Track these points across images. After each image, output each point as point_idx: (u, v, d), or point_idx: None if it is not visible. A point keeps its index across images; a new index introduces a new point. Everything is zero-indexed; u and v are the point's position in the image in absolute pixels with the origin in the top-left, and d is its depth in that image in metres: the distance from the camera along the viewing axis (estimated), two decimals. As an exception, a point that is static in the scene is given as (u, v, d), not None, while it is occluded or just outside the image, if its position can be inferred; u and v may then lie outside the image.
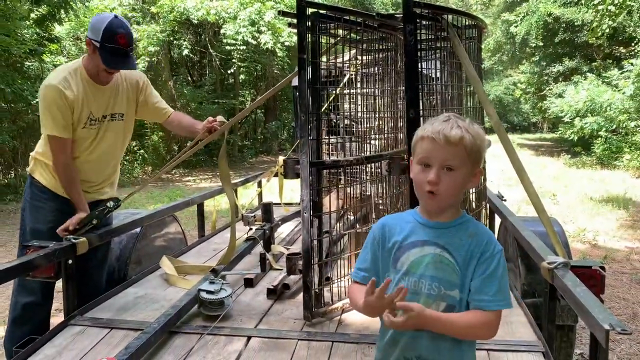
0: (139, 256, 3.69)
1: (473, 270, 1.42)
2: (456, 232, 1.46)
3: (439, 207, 1.45)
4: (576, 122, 16.02)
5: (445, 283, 1.42)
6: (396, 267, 1.47)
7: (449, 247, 1.43)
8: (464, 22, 3.27)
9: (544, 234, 2.69)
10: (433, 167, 1.40)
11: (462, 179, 1.41)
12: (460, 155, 1.39)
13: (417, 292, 1.43)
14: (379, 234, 1.53)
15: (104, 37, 2.72)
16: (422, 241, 1.46)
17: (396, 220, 1.54)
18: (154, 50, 15.91)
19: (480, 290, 1.41)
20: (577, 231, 7.56)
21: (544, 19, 21.01)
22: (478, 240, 1.44)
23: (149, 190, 12.76)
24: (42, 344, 2.43)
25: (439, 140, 1.38)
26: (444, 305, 1.42)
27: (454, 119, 1.43)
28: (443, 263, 1.42)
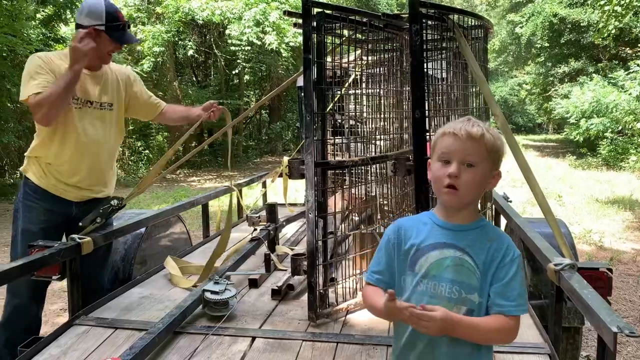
0: (144, 256, 3.69)
1: (493, 275, 1.41)
2: (476, 235, 1.45)
3: (459, 203, 1.43)
4: (582, 123, 15.96)
5: (466, 287, 1.40)
6: (414, 269, 1.45)
7: (470, 251, 1.42)
8: (470, 23, 3.25)
9: (550, 235, 2.67)
10: (453, 162, 1.40)
11: (482, 177, 1.41)
12: (481, 152, 1.40)
13: (437, 296, 1.41)
14: (394, 237, 1.52)
15: (108, 18, 2.79)
16: (441, 243, 1.44)
17: (412, 222, 1.53)
18: (159, 51, 15.95)
19: (502, 295, 1.40)
20: (582, 233, 7.52)
21: (549, 20, 20.97)
22: (498, 244, 1.43)
23: (154, 191, 12.78)
24: (46, 344, 2.43)
25: (461, 135, 1.39)
26: (464, 309, 1.40)
27: (475, 120, 1.45)
28: (464, 266, 1.41)
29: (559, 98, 19.56)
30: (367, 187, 3.46)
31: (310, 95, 2.63)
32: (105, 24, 2.78)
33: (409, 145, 3.29)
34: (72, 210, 3.03)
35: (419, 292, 1.44)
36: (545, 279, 2.52)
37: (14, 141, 11.64)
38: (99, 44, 2.80)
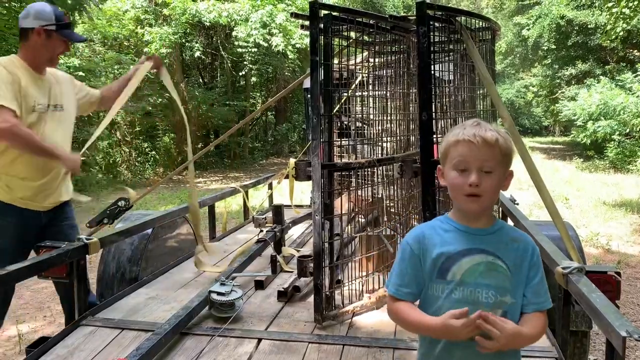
0: (151, 257, 3.70)
1: (525, 276, 1.44)
2: (499, 237, 1.46)
3: (481, 208, 1.43)
4: (589, 126, 15.88)
5: (500, 290, 1.41)
6: (445, 278, 1.43)
7: (499, 254, 1.43)
8: (477, 25, 3.25)
9: (557, 238, 2.66)
10: (471, 170, 1.39)
11: (499, 181, 1.42)
12: (497, 157, 1.40)
13: (475, 302, 1.40)
14: (417, 247, 1.48)
15: (57, 19, 2.86)
16: (470, 249, 1.43)
17: (432, 230, 1.50)
18: (166, 52, 16.00)
19: (538, 292, 1.45)
20: (590, 236, 7.48)
21: (556, 22, 20.88)
22: (524, 245, 1.46)
23: (161, 192, 12.82)
24: (53, 344, 2.44)
25: (477, 142, 1.38)
26: (499, 312, 1.41)
27: (483, 123, 1.44)
28: (497, 270, 1.42)
29: (565, 100, 19.48)
30: (373, 189, 3.46)
31: (317, 97, 2.63)
32: (55, 24, 2.84)
33: (415, 148, 3.29)
34: (42, 220, 3.00)
35: (454, 300, 1.42)
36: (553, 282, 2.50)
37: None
38: (50, 45, 2.88)
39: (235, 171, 18.56)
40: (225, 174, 17.66)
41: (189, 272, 3.58)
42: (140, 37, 16.25)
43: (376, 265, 3.11)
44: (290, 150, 23.82)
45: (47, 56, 2.90)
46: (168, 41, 15.69)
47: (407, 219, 3.43)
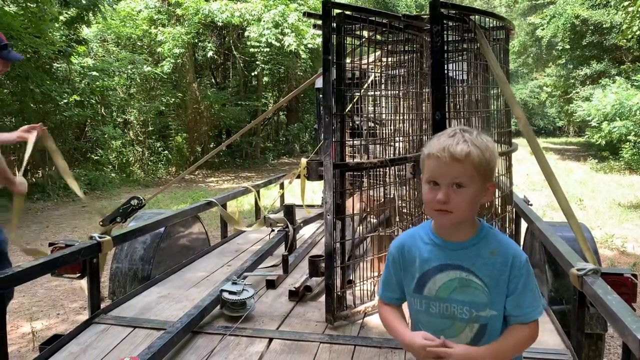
0: (163, 256, 3.72)
1: (506, 288, 1.39)
2: (477, 250, 1.40)
3: (452, 224, 1.39)
4: (604, 126, 15.67)
5: (476, 305, 1.39)
6: (422, 292, 1.44)
7: (474, 269, 1.39)
8: (491, 24, 3.22)
9: (571, 239, 2.62)
10: (441, 185, 1.34)
11: (473, 195, 1.35)
12: (468, 172, 1.32)
13: (452, 317, 1.41)
14: (398, 256, 1.50)
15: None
16: (445, 265, 1.41)
17: (413, 241, 1.49)
18: (179, 52, 16.08)
19: (518, 305, 1.39)
20: (604, 237, 7.39)
21: (571, 21, 20.65)
22: (503, 257, 1.39)
23: (173, 191, 12.88)
24: (66, 342, 2.46)
25: (444, 157, 1.32)
26: (476, 326, 1.40)
27: (460, 133, 1.36)
28: (471, 287, 1.39)
29: (580, 101, 19.26)
30: (385, 189, 3.44)
31: (330, 97, 2.62)
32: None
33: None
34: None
35: (431, 314, 1.43)
36: (567, 284, 2.48)
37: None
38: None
39: (246, 171, 18.61)
40: (236, 174, 17.71)
41: (201, 271, 3.59)
42: (153, 37, 16.35)
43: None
44: (302, 150, 23.84)
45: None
46: (181, 41, 15.77)
47: (419, 220, 3.41)
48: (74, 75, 13.02)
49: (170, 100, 17.15)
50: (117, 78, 15.16)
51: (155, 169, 16.68)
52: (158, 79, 16.61)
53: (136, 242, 3.57)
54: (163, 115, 17.51)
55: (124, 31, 15.88)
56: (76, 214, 10.24)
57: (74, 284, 5.63)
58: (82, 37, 13.25)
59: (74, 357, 2.32)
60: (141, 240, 3.58)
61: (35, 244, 7.69)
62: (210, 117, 18.94)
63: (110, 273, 3.60)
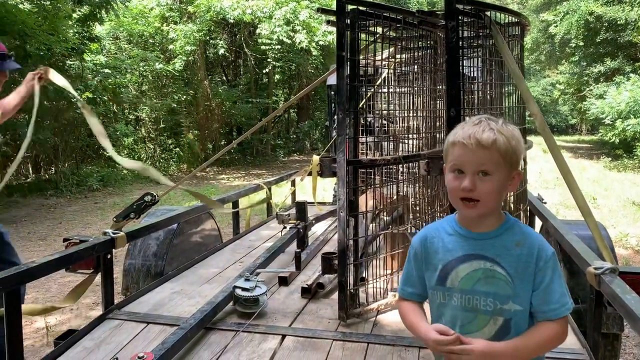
0: (176, 252, 3.73)
1: (531, 282, 1.35)
2: (502, 241, 1.38)
3: (478, 214, 1.36)
4: (618, 124, 15.53)
5: (500, 297, 1.35)
6: (445, 284, 1.41)
7: (499, 260, 1.36)
8: (506, 19, 3.18)
9: (586, 237, 2.59)
10: (467, 173, 1.32)
11: (499, 184, 1.33)
12: (495, 159, 1.31)
13: (473, 310, 1.37)
14: (420, 249, 1.47)
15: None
16: (469, 255, 1.38)
17: (436, 232, 1.47)
18: (191, 50, 16.14)
19: (545, 300, 1.35)
20: (619, 236, 7.32)
21: (585, 18, 20.44)
22: (529, 249, 1.36)
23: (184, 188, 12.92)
24: (80, 337, 2.47)
25: (471, 145, 1.31)
26: (501, 320, 1.36)
27: (485, 121, 1.35)
28: (495, 277, 1.36)
29: (593, 98, 19.08)
30: (397, 186, 3.42)
31: (344, 93, 2.60)
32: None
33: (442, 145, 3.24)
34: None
35: (452, 307, 1.40)
36: (583, 283, 2.45)
37: (49, 138, 11.92)
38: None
39: (257, 168, 18.64)
40: (247, 171, 17.75)
41: (214, 267, 3.60)
42: (165, 35, 16.43)
43: (400, 263, 3.08)
44: (312, 147, 23.83)
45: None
46: (192, 39, 15.83)
47: (432, 217, 3.39)
48: (86, 72, 13.11)
49: (182, 97, 17.23)
50: (129, 75, 15.26)
51: (166, 166, 16.76)
52: (170, 76, 16.69)
53: (149, 238, 3.59)
54: (174, 112, 17.58)
55: (136, 29, 15.97)
56: (89, 211, 10.32)
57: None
58: (95, 34, 13.32)
59: (88, 352, 2.33)
60: (154, 236, 3.60)
61: (49, 239, 7.76)
62: (221, 114, 19.00)
63: (124, 269, 3.62)
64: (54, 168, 12.85)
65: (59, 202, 11.34)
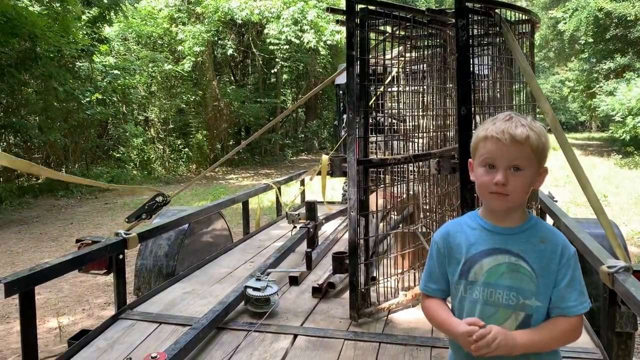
0: (187, 252, 3.74)
1: (554, 279, 1.36)
2: (527, 237, 1.38)
3: (507, 208, 1.38)
4: (628, 121, 15.42)
5: (523, 292, 1.35)
6: (468, 278, 1.40)
7: (524, 255, 1.36)
8: (516, 17, 3.17)
9: (599, 236, 2.57)
10: (499, 168, 1.33)
11: (530, 179, 1.35)
12: (527, 155, 1.32)
13: (495, 304, 1.37)
14: (443, 244, 1.47)
15: None
16: (493, 249, 1.38)
17: (459, 227, 1.47)
18: (199, 50, 16.20)
19: (564, 297, 1.35)
20: (630, 234, 7.26)
21: (594, 15, 20.29)
22: (553, 246, 1.37)
23: (194, 188, 12.99)
24: (94, 337, 2.49)
25: (505, 140, 1.32)
26: (522, 315, 1.36)
27: (516, 117, 1.36)
28: (520, 272, 1.36)
29: (603, 95, 18.93)
30: (408, 185, 3.42)
31: (354, 92, 2.60)
32: None
33: (453, 143, 3.23)
34: None
35: (473, 300, 1.39)
36: (595, 282, 2.43)
37: (59, 139, 12.01)
38: None
39: (266, 168, 18.68)
40: (256, 171, 17.79)
41: (224, 267, 3.61)
42: (173, 36, 16.50)
43: (411, 262, 3.08)
44: (321, 146, 23.84)
45: None
46: (201, 39, 15.88)
47: (443, 216, 3.38)
48: (96, 73, 13.20)
49: (191, 98, 17.30)
50: (138, 76, 15.34)
51: (176, 166, 16.84)
52: (178, 77, 16.76)
53: (160, 238, 3.60)
54: (183, 113, 17.66)
55: (145, 30, 16.05)
56: (100, 211, 10.39)
57: (98, 280, 5.71)
58: (104, 36, 13.41)
59: (101, 352, 2.35)
60: (165, 237, 3.61)
61: (60, 240, 7.82)
62: (229, 114, 19.05)
63: (135, 269, 3.64)
64: (64, 169, 12.93)
65: (69, 202, 11.43)
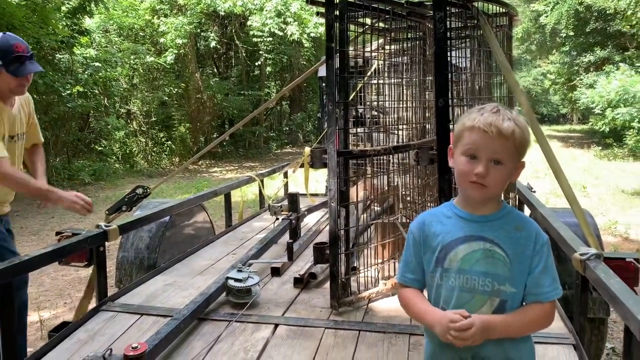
0: (168, 244, 3.75)
1: (528, 265, 1.39)
2: (501, 224, 1.42)
3: (484, 198, 1.41)
4: (607, 113, 15.63)
5: (498, 278, 1.38)
6: (444, 265, 1.43)
7: (499, 241, 1.40)
8: (494, 10, 3.21)
9: (574, 225, 2.63)
10: (481, 159, 1.36)
11: (509, 173, 1.38)
12: (510, 149, 1.36)
13: (471, 290, 1.40)
14: (419, 234, 1.49)
15: (2, 53, 2.69)
16: (468, 236, 1.41)
17: (435, 216, 1.50)
18: (182, 43, 16.06)
19: (538, 283, 1.39)
20: (608, 224, 7.40)
21: (575, 8, 20.52)
22: (527, 233, 1.41)
23: (177, 181, 12.93)
24: (74, 329, 2.49)
25: (491, 132, 1.34)
26: (497, 300, 1.39)
27: (503, 110, 1.38)
28: (495, 258, 1.39)
29: (584, 88, 19.18)
30: (388, 177, 3.45)
31: (333, 84, 2.62)
32: (1, 60, 2.69)
33: (432, 135, 3.27)
34: None
35: (449, 288, 1.42)
36: (569, 269, 2.49)
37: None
38: (2, 80, 2.74)
39: (250, 161, 18.63)
40: (240, 164, 17.74)
41: (206, 259, 3.62)
42: (155, 28, 16.33)
43: (391, 252, 3.12)
44: (305, 139, 23.82)
45: (6, 91, 2.79)
46: (183, 31, 15.75)
47: (423, 207, 3.43)
48: (76, 66, 13.02)
49: (173, 90, 17.16)
50: (120, 69, 15.17)
51: (158, 160, 16.72)
52: (161, 69, 16.62)
53: (142, 231, 3.60)
54: (166, 105, 17.53)
55: (126, 21, 15.86)
56: (81, 205, 10.28)
57: (80, 273, 5.68)
58: (85, 27, 13.23)
59: (82, 344, 2.35)
60: (147, 229, 3.61)
61: (41, 234, 7.75)
62: (213, 107, 18.95)
63: (117, 262, 3.63)
64: (45, 163, 12.77)
65: (50, 196, 11.29)
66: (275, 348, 2.29)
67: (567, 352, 2.18)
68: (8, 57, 2.71)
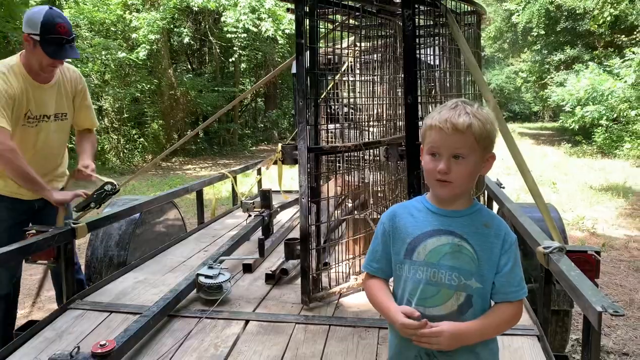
0: (139, 242, 3.71)
1: (496, 263, 1.41)
2: (471, 220, 1.44)
3: (451, 195, 1.43)
4: (577, 111, 15.98)
5: (464, 273, 1.40)
6: (412, 257, 1.45)
7: (467, 237, 1.42)
8: (463, 8, 3.25)
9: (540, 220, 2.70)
10: (442, 156, 1.38)
11: (473, 166, 1.39)
12: (469, 143, 1.37)
13: (437, 283, 1.41)
14: (389, 225, 1.51)
15: (43, 29, 2.62)
16: (437, 230, 1.43)
17: (406, 209, 1.51)
18: (154, 38, 15.85)
19: (508, 282, 1.42)
20: (576, 219, 7.58)
21: (545, 7, 20.89)
22: (496, 231, 1.43)
23: (149, 178, 12.78)
24: (42, 327, 2.46)
25: (447, 129, 1.36)
26: (463, 295, 1.41)
27: (461, 105, 1.40)
28: (462, 253, 1.41)
29: (554, 86, 19.56)
30: (360, 173, 3.48)
31: (303, 81, 2.63)
32: (39, 35, 2.62)
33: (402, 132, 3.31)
34: (35, 204, 3.01)
35: (416, 280, 1.44)
36: (535, 263, 2.55)
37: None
38: (35, 54, 2.68)
39: (224, 158, 18.50)
40: (214, 161, 17.61)
41: (178, 256, 3.60)
42: (127, 23, 16.07)
43: (363, 247, 3.15)
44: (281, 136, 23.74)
45: (36, 65, 2.72)
46: (156, 27, 15.53)
47: (395, 202, 3.46)
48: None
49: (146, 86, 16.93)
50: (91, 64, 14.90)
51: (131, 157, 16.48)
52: (133, 65, 16.36)
53: (111, 228, 3.56)
54: (138, 102, 17.27)
55: (97, 16, 15.56)
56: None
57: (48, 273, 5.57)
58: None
59: (49, 342, 2.32)
60: (116, 226, 3.57)
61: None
62: (186, 103, 18.75)
63: (86, 259, 3.58)
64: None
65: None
66: (245, 344, 2.30)
67: (532, 343, 2.24)
68: (47, 35, 2.62)
